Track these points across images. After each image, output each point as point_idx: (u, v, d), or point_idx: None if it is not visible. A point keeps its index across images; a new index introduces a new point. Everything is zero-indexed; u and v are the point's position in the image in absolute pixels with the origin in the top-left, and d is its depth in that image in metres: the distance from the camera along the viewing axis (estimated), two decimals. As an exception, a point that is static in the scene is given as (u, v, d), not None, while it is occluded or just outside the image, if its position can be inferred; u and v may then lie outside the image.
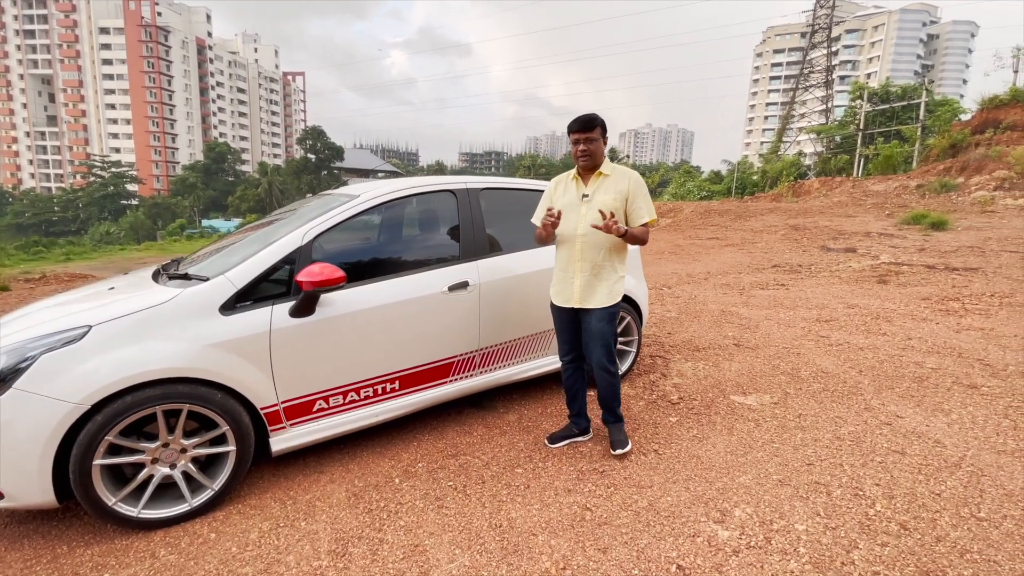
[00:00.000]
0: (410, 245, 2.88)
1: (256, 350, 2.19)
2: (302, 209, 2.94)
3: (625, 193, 2.45)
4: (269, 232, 2.77)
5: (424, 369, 2.68)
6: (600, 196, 2.47)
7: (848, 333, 4.82)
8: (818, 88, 51.02)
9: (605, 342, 2.53)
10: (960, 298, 6.10)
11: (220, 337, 2.11)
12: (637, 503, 2.22)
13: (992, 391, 3.34)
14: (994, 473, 2.39)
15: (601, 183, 2.50)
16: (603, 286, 2.51)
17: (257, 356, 2.19)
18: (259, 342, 2.19)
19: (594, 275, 2.50)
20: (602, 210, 2.35)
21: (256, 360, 2.19)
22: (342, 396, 2.45)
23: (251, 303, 2.23)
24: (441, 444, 2.77)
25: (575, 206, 2.52)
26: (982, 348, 4.21)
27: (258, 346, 2.19)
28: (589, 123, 2.44)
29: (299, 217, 2.70)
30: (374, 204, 2.61)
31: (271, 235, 2.59)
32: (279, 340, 2.23)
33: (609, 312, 2.52)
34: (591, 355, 2.58)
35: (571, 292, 2.54)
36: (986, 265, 8.03)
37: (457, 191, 2.89)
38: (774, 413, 3.10)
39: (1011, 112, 19.01)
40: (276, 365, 2.24)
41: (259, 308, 2.22)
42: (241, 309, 2.19)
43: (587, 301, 2.51)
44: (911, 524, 2.05)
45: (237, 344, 2.14)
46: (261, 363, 2.21)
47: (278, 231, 2.61)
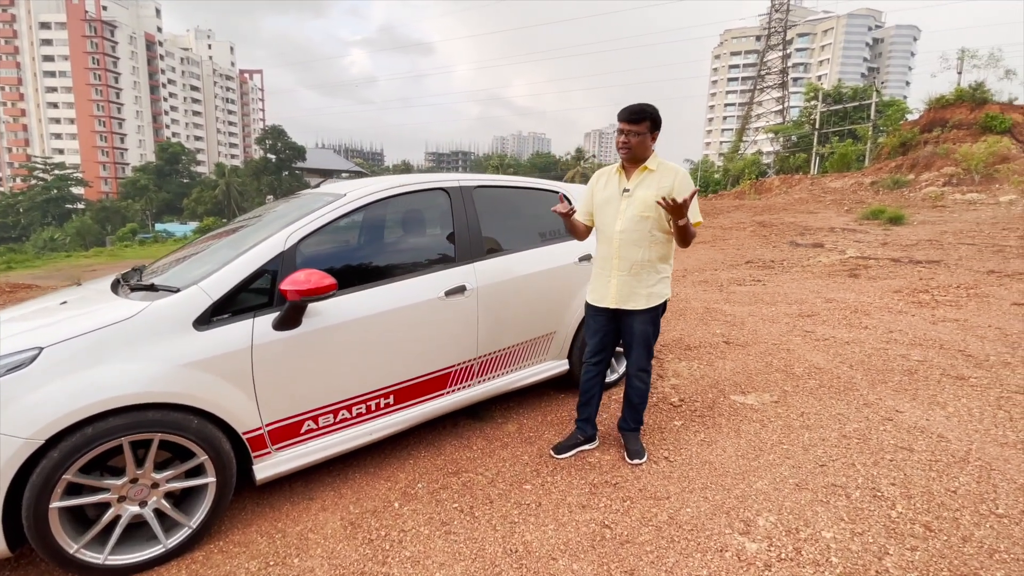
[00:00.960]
0: (402, 247, 2.67)
1: (237, 368, 1.96)
2: (279, 210, 2.70)
3: (669, 190, 2.26)
4: (244, 236, 2.52)
5: (420, 381, 2.49)
6: (641, 192, 2.33)
7: (831, 327, 4.88)
8: (774, 89, 52.86)
9: (647, 345, 2.44)
10: (929, 290, 6.30)
11: (195, 355, 1.87)
12: (657, 517, 2.10)
13: (980, 382, 3.40)
14: (1002, 467, 2.38)
15: (644, 178, 2.35)
16: (642, 287, 2.37)
17: (238, 375, 1.96)
18: (240, 359, 1.96)
19: (632, 275, 2.36)
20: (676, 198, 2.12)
21: (237, 380, 1.96)
22: (332, 415, 2.24)
23: (229, 316, 1.99)
24: (440, 461, 2.59)
25: (615, 200, 2.39)
26: (961, 339, 4.32)
27: (239, 364, 1.96)
28: (636, 114, 2.29)
29: (278, 219, 2.47)
30: (362, 204, 2.40)
31: (247, 239, 2.35)
32: (262, 356, 2.00)
33: (651, 314, 2.41)
34: (631, 356, 2.47)
35: (606, 291, 2.42)
36: (947, 258, 8.38)
37: (450, 189, 2.70)
38: (777, 413, 3.05)
39: (957, 111, 20.09)
40: (259, 384, 2.01)
41: (239, 321, 1.99)
42: (218, 323, 1.96)
43: (625, 303, 2.39)
44: (935, 525, 2.01)
45: (215, 362, 1.90)
46: (242, 383, 1.97)
47: (255, 235, 2.36)
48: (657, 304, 2.41)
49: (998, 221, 12.05)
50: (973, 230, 11.00)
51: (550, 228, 3.13)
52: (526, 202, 3.11)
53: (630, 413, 2.59)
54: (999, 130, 18.52)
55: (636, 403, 2.56)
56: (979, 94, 20.20)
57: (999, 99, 19.92)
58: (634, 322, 2.42)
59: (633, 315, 2.41)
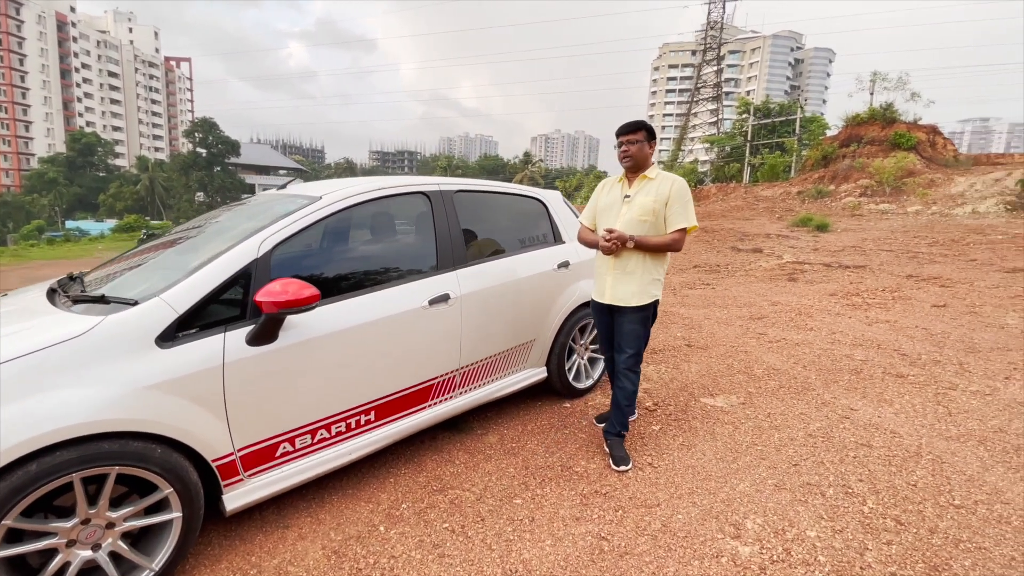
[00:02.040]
0: (383, 254, 2.53)
1: (206, 389, 1.76)
2: (244, 213, 2.49)
3: (665, 197, 2.46)
4: (204, 242, 2.30)
5: (402, 395, 2.36)
6: (640, 198, 2.50)
7: (781, 329, 5.16)
8: (709, 101, 55.87)
9: (635, 343, 2.55)
10: (859, 293, 6.83)
11: (159, 376, 1.66)
12: (651, 525, 2.10)
13: (918, 380, 3.70)
14: (951, 459, 2.59)
15: (644, 186, 2.52)
16: (635, 286, 2.51)
17: (207, 396, 1.77)
18: (210, 379, 1.77)
19: (628, 273, 2.52)
20: (609, 228, 2.44)
21: (206, 401, 1.77)
22: (310, 435, 2.08)
23: (197, 331, 1.79)
24: (422, 478, 2.47)
25: (616, 205, 2.57)
26: (894, 339, 4.69)
27: (209, 384, 1.77)
28: (632, 125, 2.53)
29: (244, 223, 2.27)
30: (340, 207, 2.25)
31: (211, 246, 2.14)
32: (235, 375, 1.82)
33: (641, 314, 2.54)
34: (621, 354, 2.58)
35: (603, 287, 2.60)
36: (870, 263, 9.13)
37: (430, 193, 2.60)
38: (746, 414, 3.16)
39: (870, 129, 22.05)
40: (232, 406, 1.82)
41: (208, 336, 1.80)
42: (185, 339, 1.75)
43: (619, 299, 2.53)
44: (903, 518, 2.13)
45: (181, 384, 1.71)
46: (213, 405, 1.78)
47: (219, 241, 2.16)
48: (647, 303, 2.53)
49: (908, 229, 13.31)
50: (889, 238, 12.08)
51: (529, 234, 3.10)
52: (505, 208, 3.05)
53: (616, 415, 2.62)
54: (906, 147, 20.51)
55: (623, 405, 2.59)
56: (889, 114, 22.28)
57: (906, 119, 22.07)
58: (624, 320, 2.54)
59: (624, 313, 2.54)
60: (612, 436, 2.64)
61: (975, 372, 3.80)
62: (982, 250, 9.66)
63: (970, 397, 3.35)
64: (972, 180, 17.49)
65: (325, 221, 2.20)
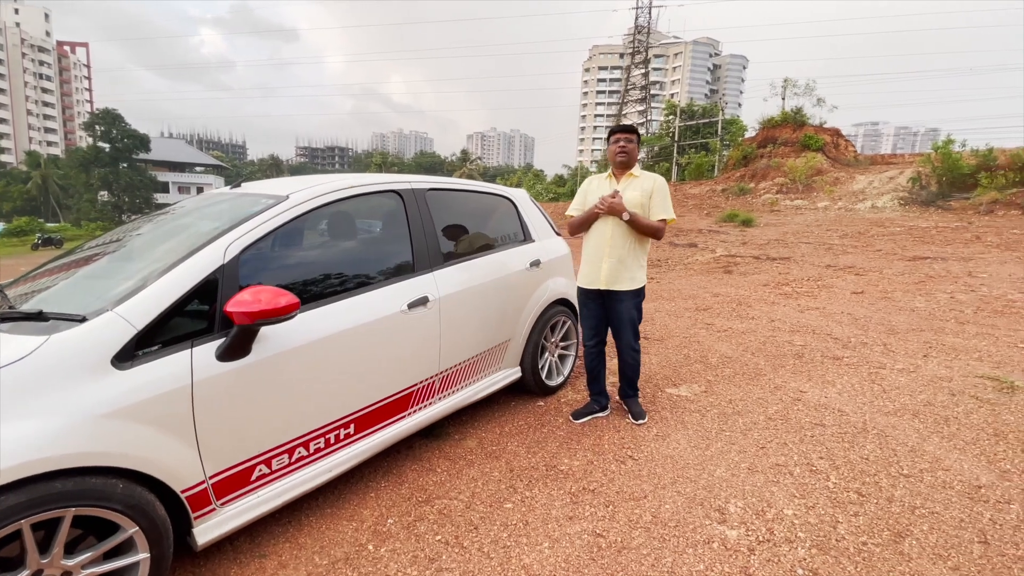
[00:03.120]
0: (357, 257, 2.38)
1: (173, 412, 1.58)
2: (198, 213, 2.26)
3: (649, 192, 2.79)
4: (151, 247, 2.07)
5: (382, 405, 2.25)
6: (629, 193, 2.80)
7: (726, 319, 5.46)
8: (637, 103, 58.23)
9: (632, 323, 2.87)
10: (788, 283, 7.38)
11: (118, 401, 1.46)
12: (642, 518, 2.14)
13: (851, 361, 4.04)
14: (893, 432, 2.84)
15: (631, 182, 2.84)
16: (628, 272, 2.81)
17: (175, 420, 1.58)
18: (177, 401, 1.58)
19: (620, 261, 2.79)
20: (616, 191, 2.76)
21: (173, 426, 1.58)
22: (288, 455, 1.92)
23: (159, 348, 1.60)
24: (405, 489, 2.37)
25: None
26: (825, 325, 5.10)
27: (176, 407, 1.58)
28: (630, 128, 2.84)
29: (199, 225, 2.06)
30: (310, 208, 2.09)
31: (161, 250, 1.93)
32: (205, 394, 1.64)
33: (636, 298, 2.85)
34: (620, 335, 2.90)
35: (598, 275, 2.82)
36: (793, 254, 9.90)
37: (403, 192, 2.49)
38: (709, 402, 3.31)
39: (783, 131, 23.91)
40: (202, 429, 1.64)
41: (172, 353, 1.61)
42: (146, 357, 1.56)
43: (614, 284, 2.80)
44: (864, 491, 2.32)
45: (145, 408, 1.51)
46: (181, 429, 1.60)
47: (172, 245, 1.95)
48: (638, 287, 2.85)
49: (821, 223, 14.58)
50: (805, 231, 13.17)
51: (501, 233, 3.06)
52: (477, 206, 2.99)
53: (626, 383, 3.06)
54: (814, 148, 22.44)
55: (630, 375, 3.03)
56: (799, 117, 24.27)
57: (814, 122, 24.14)
58: (620, 306, 2.83)
59: (620, 298, 2.82)
60: (628, 397, 3.09)
61: (898, 352, 4.21)
62: (885, 241, 10.76)
63: (898, 375, 3.70)
64: (871, 178, 19.46)
65: (294, 222, 2.04)
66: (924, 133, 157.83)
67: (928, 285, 6.69)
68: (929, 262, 8.29)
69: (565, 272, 3.44)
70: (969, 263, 8.03)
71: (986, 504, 2.19)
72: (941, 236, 10.90)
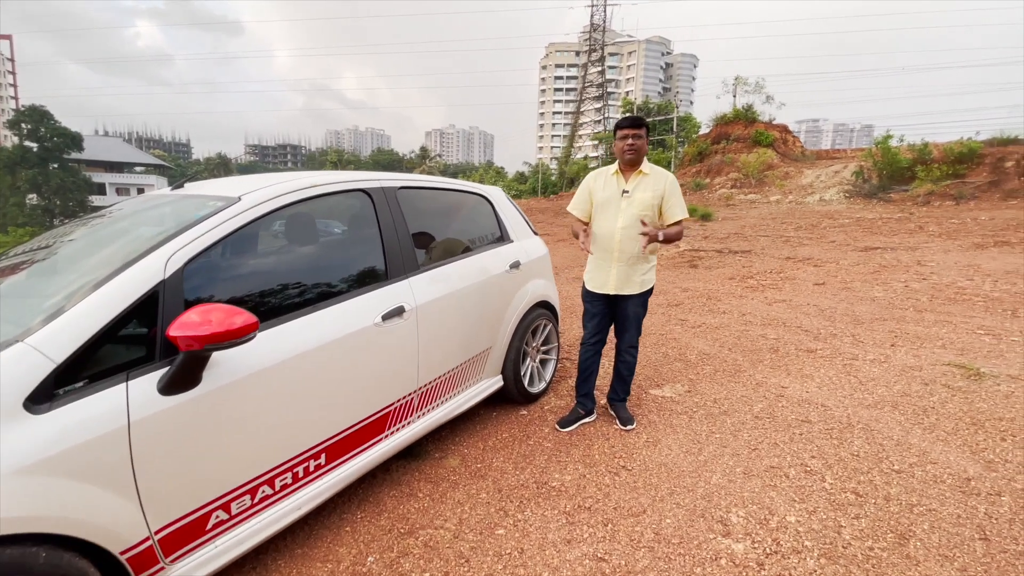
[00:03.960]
0: (322, 265, 2.12)
1: (106, 460, 1.31)
2: (136, 218, 1.96)
3: (662, 192, 2.62)
4: (73, 260, 1.77)
5: (356, 430, 2.02)
6: (639, 194, 2.62)
7: (698, 315, 5.46)
8: (594, 101, 59.02)
9: (639, 322, 2.82)
10: (753, 276, 7.51)
11: (34, 453, 1.19)
12: (644, 536, 2.01)
13: (824, 353, 4.08)
14: (877, 426, 2.84)
15: (641, 181, 2.64)
16: (637, 275, 2.71)
17: (109, 470, 1.32)
18: (110, 446, 1.32)
19: (630, 265, 2.68)
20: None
21: (107, 477, 1.31)
22: (250, 495, 1.67)
23: (86, 383, 1.32)
24: (384, 520, 2.15)
25: (615, 201, 2.66)
26: (794, 317, 5.17)
27: (109, 453, 1.31)
28: (639, 121, 2.61)
29: (134, 233, 1.77)
30: (266, 210, 1.84)
31: (86, 264, 1.64)
32: (146, 435, 1.38)
33: (644, 298, 2.79)
34: (625, 335, 2.84)
35: (607, 279, 2.72)
36: (754, 247, 10.14)
37: (372, 191, 2.25)
38: (695, 402, 3.24)
39: (735, 127, 24.67)
40: (144, 477, 1.38)
41: (103, 389, 1.34)
42: (69, 396, 1.28)
43: (623, 289, 2.71)
44: (860, 490, 2.27)
45: (69, 458, 1.24)
46: (117, 479, 1.33)
47: (99, 257, 1.66)
48: (649, 288, 2.78)
49: (775, 216, 15.08)
50: (761, 224, 13.57)
51: (478, 234, 2.86)
52: (452, 205, 2.79)
53: (620, 385, 2.95)
54: (765, 143, 23.26)
55: (625, 375, 2.93)
56: (750, 114, 25.10)
57: (764, 119, 25.03)
58: (629, 305, 2.76)
59: (628, 299, 2.74)
60: (617, 402, 2.97)
61: (867, 342, 4.29)
62: (837, 232, 11.20)
63: (871, 366, 3.75)
64: (818, 172, 20.33)
65: (248, 227, 1.78)
66: (860, 129, 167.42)
67: (883, 275, 6.95)
68: (880, 252, 8.65)
69: (544, 273, 3.28)
70: (916, 252, 8.43)
71: (979, 498, 2.18)
72: (887, 227, 11.44)
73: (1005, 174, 15.17)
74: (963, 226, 10.55)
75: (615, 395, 3.00)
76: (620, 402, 2.99)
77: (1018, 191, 14.42)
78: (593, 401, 3.00)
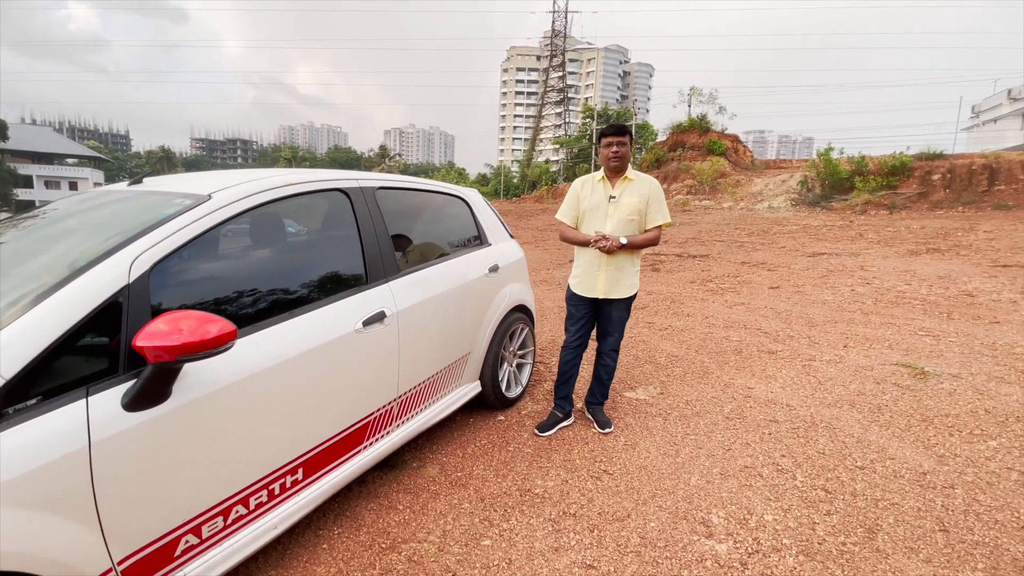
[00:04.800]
0: (299, 268, 2.00)
1: (63, 486, 1.18)
2: (85, 217, 1.79)
3: (647, 197, 2.68)
4: (18, 262, 1.59)
5: (334, 442, 1.92)
6: (626, 199, 2.67)
7: (664, 317, 5.59)
8: (555, 105, 59.78)
9: (622, 325, 2.86)
10: (712, 279, 7.78)
11: (-24, 482, 1.05)
12: (630, 540, 2.01)
13: (784, 354, 4.26)
14: (838, 424, 2.98)
15: (627, 186, 2.69)
16: (625, 279, 2.75)
17: (66, 496, 1.18)
18: (68, 470, 1.18)
19: (617, 269, 2.71)
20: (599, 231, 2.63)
21: (64, 504, 1.18)
22: (222, 517, 1.55)
23: (39, 400, 1.18)
24: (363, 536, 2.05)
25: (602, 206, 2.70)
26: (753, 319, 5.38)
27: (67, 478, 1.18)
28: (622, 129, 2.67)
29: (94, 232, 1.62)
30: (239, 210, 1.72)
31: (38, 266, 1.48)
32: (109, 456, 1.25)
33: (630, 302, 2.82)
34: (608, 338, 2.86)
35: (595, 284, 2.75)
36: (711, 252, 10.51)
37: (349, 190, 2.16)
38: (668, 404, 3.30)
39: (690, 136, 25.58)
40: (106, 502, 1.25)
41: (60, 406, 1.20)
42: (20, 416, 1.14)
43: (610, 293, 2.75)
44: (829, 487, 2.37)
45: (21, 486, 1.10)
46: (75, 507, 1.20)
47: (56, 258, 1.51)
48: (635, 293, 2.81)
49: (729, 222, 15.72)
50: (717, 229, 14.11)
51: (457, 237, 2.80)
52: (430, 207, 2.71)
53: (599, 388, 2.98)
54: (718, 152, 24.23)
55: (605, 379, 2.95)
56: (704, 124, 26.09)
57: (717, 128, 26.07)
58: (614, 310, 2.79)
59: (614, 303, 2.78)
60: (595, 405, 3.00)
61: (822, 343, 4.51)
62: (786, 239, 11.79)
63: (827, 366, 3.95)
64: (767, 181, 21.36)
65: (219, 228, 1.66)
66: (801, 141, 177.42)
67: (830, 279, 7.35)
68: (827, 257, 9.16)
69: (521, 277, 3.26)
70: (858, 258, 8.98)
71: (935, 491, 2.32)
72: (831, 234, 12.14)
73: (932, 186, 16.44)
74: (898, 234, 11.33)
75: (593, 399, 3.02)
76: (598, 406, 3.02)
77: (943, 202, 15.66)
78: (571, 404, 3.02)
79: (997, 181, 15.62)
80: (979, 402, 3.20)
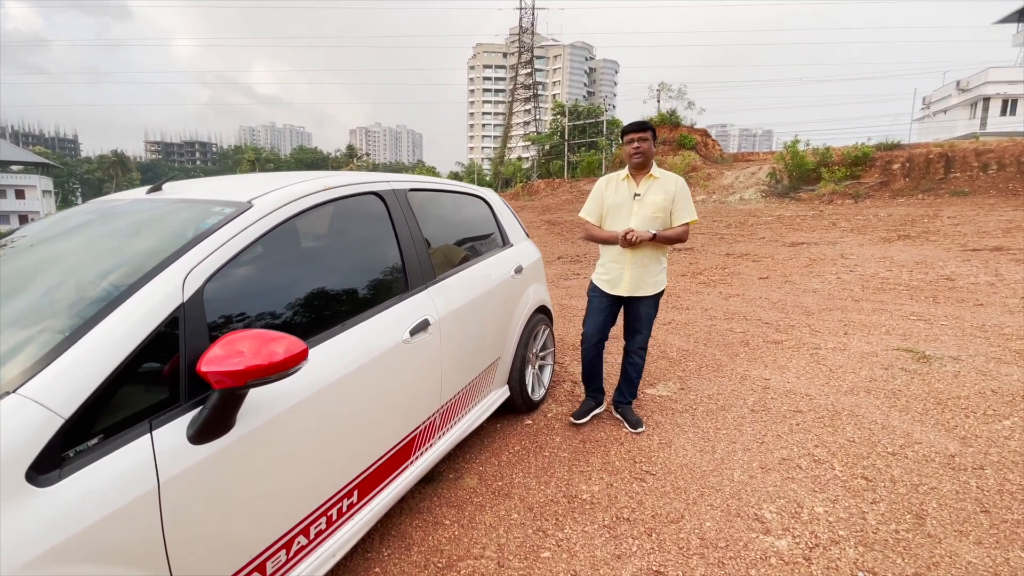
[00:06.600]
0: (343, 276, 1.87)
1: (134, 535, 1.05)
2: (105, 228, 1.63)
3: (672, 194, 2.66)
4: (42, 279, 1.44)
5: (386, 459, 1.82)
6: (651, 196, 2.65)
7: (664, 311, 5.61)
8: (525, 102, 59.78)
9: (651, 323, 2.83)
10: (702, 272, 7.89)
11: (45, 541, 0.92)
12: (690, 543, 1.98)
13: (790, 343, 4.33)
14: (860, 412, 3.03)
15: (651, 184, 2.68)
16: (651, 276, 2.73)
17: (134, 543, 1.06)
18: (139, 515, 1.06)
19: (643, 267, 2.70)
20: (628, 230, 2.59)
21: (135, 555, 1.05)
22: (285, 550, 1.44)
23: (101, 439, 1.05)
24: (415, 555, 1.96)
25: (627, 204, 2.69)
26: (751, 310, 5.47)
27: (138, 525, 1.06)
28: (643, 125, 2.67)
29: (125, 246, 1.48)
30: (284, 217, 1.59)
31: (71, 286, 1.33)
32: (178, 496, 1.13)
33: (657, 299, 2.81)
34: (636, 336, 2.85)
35: (620, 281, 2.74)
36: (694, 244, 10.67)
37: (383, 193, 2.05)
38: (691, 400, 3.30)
39: (662, 131, 25.93)
40: (175, 549, 1.13)
41: (124, 444, 1.07)
42: (82, 459, 1.01)
43: (636, 291, 2.74)
44: (868, 475, 2.40)
45: (89, 540, 0.98)
46: (144, 553, 1.07)
47: (88, 276, 1.36)
48: (662, 289, 2.80)
49: (704, 214, 16.00)
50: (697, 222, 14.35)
51: (483, 238, 2.72)
52: (457, 208, 2.62)
53: (627, 387, 2.96)
54: (689, 146, 24.67)
55: (633, 377, 2.94)
56: (674, 119, 26.52)
57: (687, 123, 26.54)
58: (641, 307, 2.78)
59: (642, 300, 2.77)
60: (623, 404, 2.98)
61: (823, 331, 4.61)
62: (764, 230, 12.08)
63: (834, 354, 4.03)
64: (736, 173, 21.87)
65: (266, 237, 1.53)
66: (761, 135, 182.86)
67: (815, 268, 7.55)
68: (806, 247, 9.42)
69: (540, 277, 3.20)
70: (836, 246, 9.26)
71: (967, 472, 2.37)
72: (805, 224, 12.51)
73: (892, 175, 17.15)
74: (868, 222, 11.76)
75: (621, 398, 3.00)
76: (626, 405, 3.00)
77: (904, 190, 16.36)
78: (603, 393, 3.07)
79: (953, 169, 16.42)
80: (984, 383, 3.31)
